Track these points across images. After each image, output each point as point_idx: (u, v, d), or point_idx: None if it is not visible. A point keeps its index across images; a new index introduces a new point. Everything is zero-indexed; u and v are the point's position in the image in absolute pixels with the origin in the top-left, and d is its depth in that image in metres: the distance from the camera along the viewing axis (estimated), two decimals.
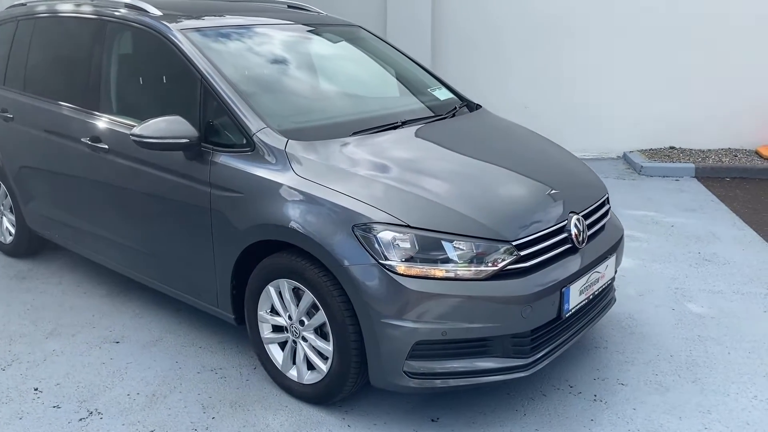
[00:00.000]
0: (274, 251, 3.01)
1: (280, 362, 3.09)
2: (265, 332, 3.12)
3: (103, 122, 3.64)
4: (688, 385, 3.15)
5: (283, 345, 3.11)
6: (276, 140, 3.00)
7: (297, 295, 2.95)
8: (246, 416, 2.94)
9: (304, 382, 3.00)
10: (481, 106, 3.93)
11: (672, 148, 7.65)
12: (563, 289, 2.82)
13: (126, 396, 3.10)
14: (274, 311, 3.08)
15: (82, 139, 3.72)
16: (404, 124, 3.39)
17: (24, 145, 4.23)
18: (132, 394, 3.12)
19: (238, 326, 3.28)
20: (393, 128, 3.32)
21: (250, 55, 3.59)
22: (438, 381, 2.70)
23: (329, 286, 2.76)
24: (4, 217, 4.74)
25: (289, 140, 3.00)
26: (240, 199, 2.99)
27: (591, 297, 3.06)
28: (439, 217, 2.70)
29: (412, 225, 2.65)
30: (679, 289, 4.19)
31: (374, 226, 2.65)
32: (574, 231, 2.97)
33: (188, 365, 3.35)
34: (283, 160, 2.94)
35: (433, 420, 2.91)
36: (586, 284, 2.98)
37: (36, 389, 3.16)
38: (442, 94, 3.97)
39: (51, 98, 4.03)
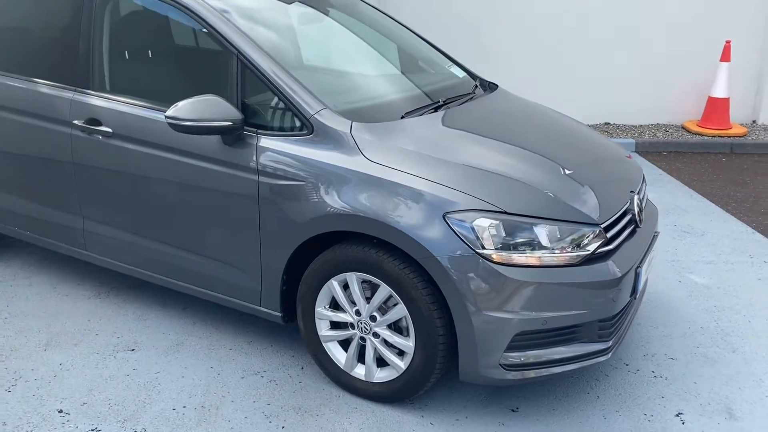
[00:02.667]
0: (331, 243, 2.78)
1: (343, 361, 2.88)
2: (323, 330, 2.89)
3: (103, 102, 3.19)
4: (730, 355, 3.26)
5: (343, 343, 2.90)
6: (339, 122, 2.75)
7: (366, 288, 2.75)
8: (318, 422, 2.72)
9: (374, 381, 2.81)
10: (497, 86, 3.83)
11: (607, 123, 7.95)
12: (637, 269, 2.81)
13: (172, 410, 2.77)
14: (334, 307, 2.85)
15: (74, 122, 3.25)
16: (445, 103, 3.24)
17: None
18: (178, 407, 2.79)
19: (284, 325, 3.02)
20: (435, 108, 3.15)
21: (276, 30, 3.27)
22: (532, 371, 2.62)
23: (413, 279, 2.58)
24: None
25: (353, 122, 2.76)
26: (300, 187, 2.73)
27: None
28: (530, 202, 2.60)
29: (508, 211, 2.52)
30: (675, 261, 4.34)
31: (468, 213, 2.50)
32: (636, 209, 2.97)
33: (226, 370, 3.05)
34: (350, 143, 2.71)
35: (513, 410, 2.83)
36: (648, 262, 3.00)
37: (60, 411, 2.76)
38: (459, 72, 3.84)
39: (18, 74, 3.49)
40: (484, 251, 2.48)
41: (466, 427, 2.71)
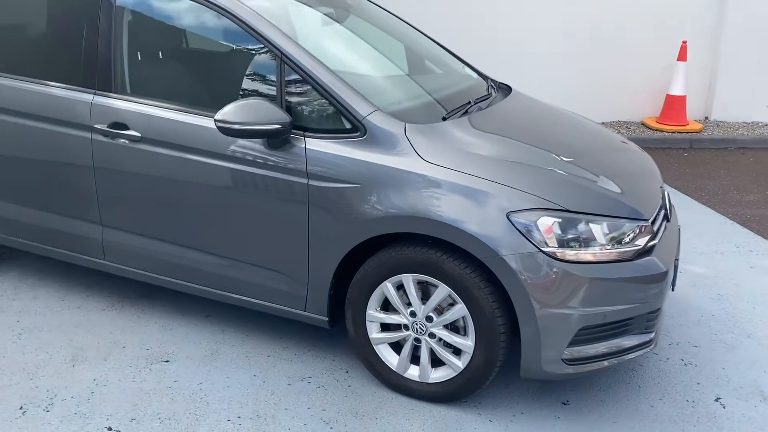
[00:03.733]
0: (380, 245, 2.78)
1: (395, 363, 2.87)
2: (374, 332, 2.88)
3: (129, 105, 3.07)
4: (746, 340, 3.44)
5: (393, 345, 2.90)
6: (393, 124, 2.75)
7: (422, 289, 2.76)
8: (379, 425, 2.71)
9: (430, 381, 2.83)
10: (511, 87, 3.89)
11: None
12: (676, 262, 2.93)
13: (227, 422, 2.70)
14: (386, 309, 2.85)
15: (95, 126, 3.12)
16: (475, 104, 3.27)
17: None
18: (233, 418, 2.72)
19: (323, 329, 3.00)
20: (466, 110, 3.18)
21: (311, 31, 3.23)
22: (590, 365, 2.69)
23: (475, 279, 2.60)
24: None
25: (407, 123, 2.76)
26: (354, 190, 2.71)
27: None
28: (586, 199, 2.66)
29: (570, 209, 2.58)
30: None
31: (532, 212, 2.55)
32: (667, 204, 3.09)
33: (271, 378, 3.00)
34: (405, 145, 2.71)
35: (564, 403, 2.90)
36: (678, 253, 3.12)
37: (110, 429, 2.65)
38: (472, 73, 3.89)
39: (25, 76, 3.31)
40: (548, 249, 2.53)
41: (524, 423, 2.76)
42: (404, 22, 4.05)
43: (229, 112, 2.70)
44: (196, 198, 3.01)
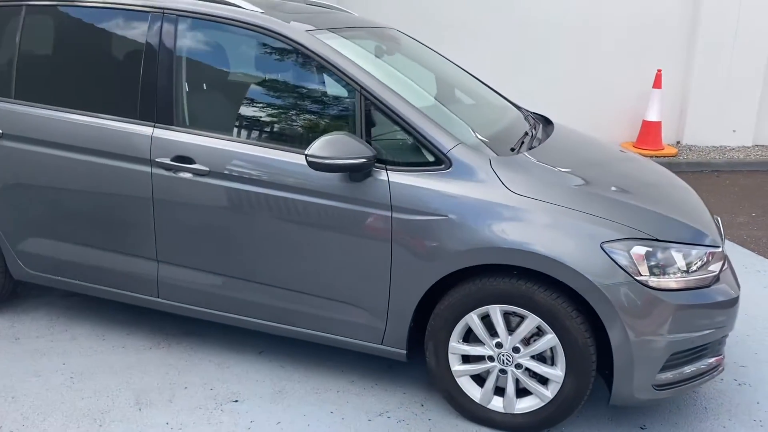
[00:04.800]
0: (462, 277, 2.79)
1: (478, 395, 2.87)
2: (456, 365, 2.88)
3: (195, 139, 3.00)
4: None
5: (474, 377, 2.90)
6: (477, 156, 2.78)
7: (507, 320, 2.78)
8: None
9: (515, 412, 2.83)
10: (546, 118, 3.98)
11: None
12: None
13: None
14: (469, 341, 2.85)
15: (156, 160, 3.03)
16: (532, 136, 3.34)
17: (23, 169, 3.30)
18: None
19: (407, 362, 2.98)
20: (530, 143, 3.23)
21: (379, 65, 3.23)
22: (674, 388, 2.75)
23: (567, 308, 2.64)
24: None
25: (491, 156, 2.80)
26: (441, 222, 2.71)
27: None
28: (671, 229, 2.74)
29: (659, 238, 2.65)
30: None
31: (625, 242, 2.61)
32: (721, 231, 3.21)
33: (349, 414, 2.95)
34: (492, 177, 2.74)
35: (641, 428, 2.95)
36: None
37: None
38: (506, 102, 3.96)
39: (78, 109, 3.21)
40: (641, 278, 2.59)
41: None
42: (438, 53, 4.11)
43: (318, 147, 2.68)
44: (268, 231, 2.95)
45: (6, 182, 3.34)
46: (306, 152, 2.70)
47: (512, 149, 3.03)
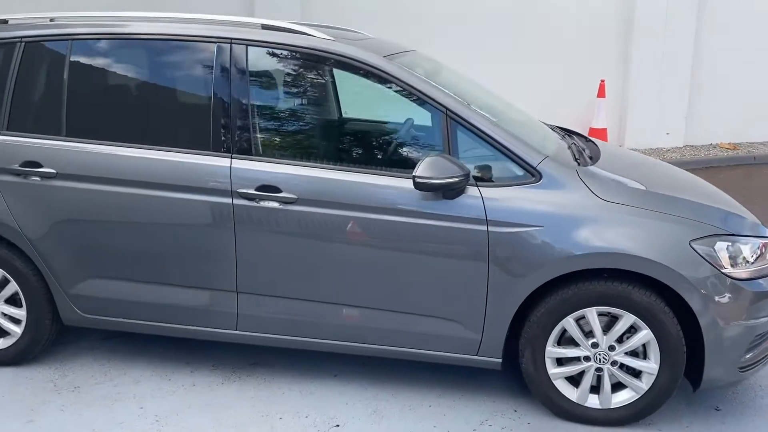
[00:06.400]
0: (557, 283, 2.94)
1: (575, 395, 3.02)
2: (552, 368, 3.01)
3: (281, 168, 3.00)
4: None
5: (570, 378, 3.04)
6: (565, 168, 2.95)
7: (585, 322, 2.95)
8: None
9: (612, 407, 3.00)
10: (576, 132, 4.17)
11: None
12: None
13: None
14: (564, 343, 2.99)
15: (238, 191, 3.01)
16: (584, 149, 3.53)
17: (82, 209, 3.17)
18: None
19: (502, 371, 3.09)
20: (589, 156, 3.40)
21: (448, 86, 3.32)
22: (751, 369, 3.00)
23: (661, 304, 2.85)
24: None
25: (579, 167, 2.97)
26: (537, 232, 2.85)
27: None
28: (738, 223, 3.01)
29: (733, 233, 2.91)
30: None
31: (710, 239, 2.85)
32: None
33: (452, 427, 3.01)
34: (581, 186, 2.91)
35: (716, 409, 3.19)
36: None
37: None
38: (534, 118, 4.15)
39: (142, 144, 3.13)
40: (725, 270, 2.84)
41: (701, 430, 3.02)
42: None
43: (423, 168, 2.77)
44: (361, 253, 2.99)
45: (60, 225, 3.20)
46: (414, 174, 2.78)
47: (576, 161, 3.21)
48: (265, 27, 3.14)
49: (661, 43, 8.99)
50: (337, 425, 3.02)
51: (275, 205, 3.00)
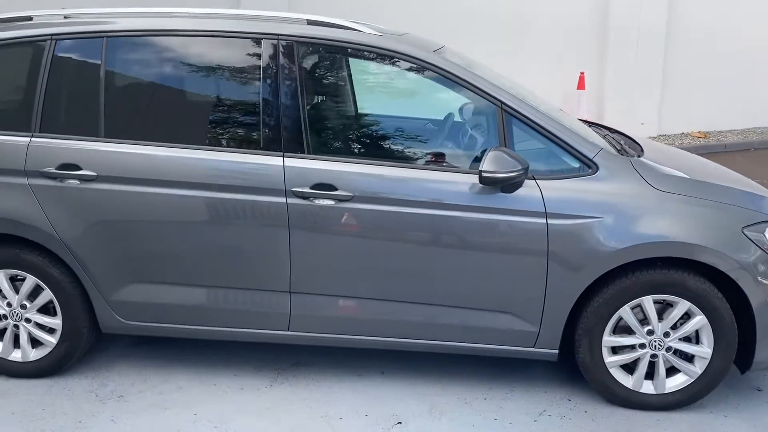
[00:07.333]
0: (613, 273, 2.98)
1: (630, 382, 3.08)
2: (608, 357, 3.06)
3: (335, 166, 2.96)
4: None
5: (623, 366, 3.09)
6: (620, 160, 3.01)
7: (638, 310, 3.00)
8: None
9: (666, 392, 3.07)
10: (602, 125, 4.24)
11: None
12: None
13: None
14: (619, 332, 3.04)
15: (293, 189, 2.95)
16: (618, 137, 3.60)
17: (125, 212, 3.07)
18: None
19: (558, 362, 3.12)
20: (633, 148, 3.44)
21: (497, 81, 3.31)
22: None
23: (714, 290, 2.93)
24: (23, 326, 3.27)
25: (632, 158, 3.02)
26: (596, 223, 2.89)
27: None
28: None
29: None
30: None
31: (760, 225, 2.94)
32: None
33: (513, 418, 3.04)
34: (637, 177, 2.97)
35: (758, 389, 3.30)
36: None
37: None
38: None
39: (186, 144, 3.04)
40: None
41: (751, 411, 3.12)
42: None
43: (489, 163, 2.78)
44: (420, 249, 2.98)
45: (100, 229, 3.08)
46: (480, 168, 2.78)
47: (619, 152, 3.26)
48: (310, 22, 3.09)
49: (634, 34, 9.23)
50: (399, 422, 3.01)
51: (331, 203, 2.96)
